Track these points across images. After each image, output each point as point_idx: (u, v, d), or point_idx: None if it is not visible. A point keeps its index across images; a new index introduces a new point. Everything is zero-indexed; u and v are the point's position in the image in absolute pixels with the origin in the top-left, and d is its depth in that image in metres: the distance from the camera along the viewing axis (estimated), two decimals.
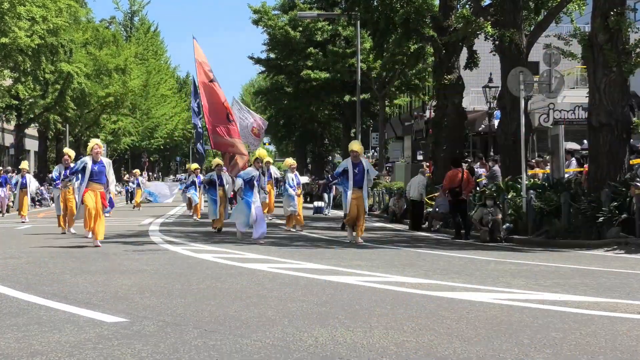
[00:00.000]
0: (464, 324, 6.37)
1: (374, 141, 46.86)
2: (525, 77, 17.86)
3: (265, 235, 15.61)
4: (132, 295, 7.96)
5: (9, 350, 5.40)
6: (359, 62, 34.66)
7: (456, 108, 24.21)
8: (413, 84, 39.25)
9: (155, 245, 14.67)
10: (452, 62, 24.06)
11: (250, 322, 6.43)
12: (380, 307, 7.22)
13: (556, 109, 28.58)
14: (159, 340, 5.68)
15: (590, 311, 7.03)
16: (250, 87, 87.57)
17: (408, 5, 23.07)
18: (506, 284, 8.97)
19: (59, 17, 36.25)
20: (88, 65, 47.78)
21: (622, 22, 15.84)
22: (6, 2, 32.54)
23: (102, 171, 14.37)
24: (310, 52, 42.65)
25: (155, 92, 65.50)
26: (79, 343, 5.59)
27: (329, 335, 5.89)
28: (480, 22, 20.19)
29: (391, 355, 5.25)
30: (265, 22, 45.26)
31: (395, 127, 51.48)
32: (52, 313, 6.88)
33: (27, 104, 44.40)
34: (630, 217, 14.43)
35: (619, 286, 8.90)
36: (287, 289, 8.43)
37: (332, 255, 12.75)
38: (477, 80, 32.01)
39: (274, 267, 10.75)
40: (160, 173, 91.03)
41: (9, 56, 35.10)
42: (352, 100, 39.68)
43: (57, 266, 10.78)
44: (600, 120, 16.00)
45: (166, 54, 77.15)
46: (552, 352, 5.37)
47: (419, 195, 21.60)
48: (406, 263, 11.60)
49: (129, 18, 72.40)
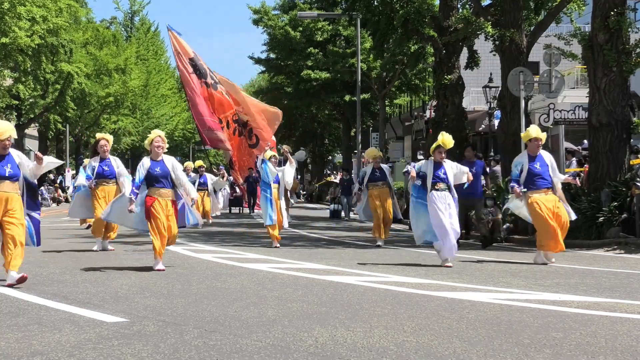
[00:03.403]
0: (464, 324, 6.38)
1: (374, 141, 46.81)
2: (525, 77, 17.86)
3: (264, 235, 15.60)
4: (132, 295, 7.96)
5: (9, 350, 5.40)
6: (359, 62, 34.65)
7: (456, 108, 24.20)
8: (413, 84, 39.24)
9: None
10: (452, 62, 24.05)
11: (250, 322, 6.43)
12: (380, 307, 7.22)
13: (556, 109, 28.56)
14: (159, 340, 5.68)
15: (590, 311, 7.03)
16: (250, 87, 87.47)
17: (408, 5, 23.06)
18: (506, 284, 8.97)
19: (59, 17, 36.23)
20: (88, 65, 47.75)
21: (622, 22, 15.84)
22: (6, 2, 32.51)
23: (166, 173, 10.42)
24: (310, 52, 42.64)
25: (155, 92, 65.44)
26: (79, 343, 5.59)
27: (329, 335, 5.89)
28: (480, 22, 20.19)
29: (391, 355, 5.25)
30: (265, 22, 45.26)
31: (395, 127, 51.46)
32: (52, 313, 6.88)
33: (27, 104, 44.37)
34: (630, 217, 14.43)
35: (619, 286, 8.90)
36: (287, 289, 8.43)
37: (332, 255, 12.75)
38: (477, 80, 32.02)
39: (274, 267, 10.75)
40: None
41: (9, 56, 35.08)
42: (352, 100, 39.67)
43: (57, 266, 10.78)
44: (600, 120, 16.00)
45: (166, 54, 77.05)
46: (552, 352, 5.37)
47: None
48: (406, 263, 11.60)
49: (129, 18, 72.34)
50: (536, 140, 11.66)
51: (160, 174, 10.30)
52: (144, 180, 10.31)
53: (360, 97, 35.64)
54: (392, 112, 50.49)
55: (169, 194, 10.36)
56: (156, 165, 10.35)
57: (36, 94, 43.70)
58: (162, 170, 10.33)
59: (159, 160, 10.41)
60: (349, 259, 12.05)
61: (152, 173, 10.26)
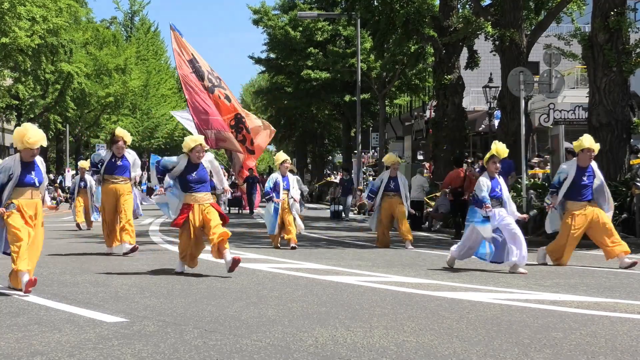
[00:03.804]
0: (464, 324, 6.38)
1: (374, 141, 46.83)
2: (525, 77, 17.85)
3: (264, 235, 15.59)
4: (132, 295, 7.96)
5: (9, 350, 5.40)
6: (359, 62, 34.64)
7: (456, 108, 24.21)
8: (413, 84, 39.23)
9: (155, 245, 14.68)
10: (452, 62, 24.07)
11: (250, 322, 6.43)
12: (380, 307, 7.22)
13: (556, 109, 28.60)
14: (159, 340, 5.68)
15: (590, 311, 7.03)
16: (250, 87, 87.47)
17: (408, 5, 23.07)
18: (506, 284, 8.98)
19: (59, 17, 36.26)
20: (88, 65, 47.78)
21: (622, 22, 15.86)
22: (6, 2, 32.54)
23: (204, 177, 9.83)
24: (310, 52, 42.65)
25: (155, 92, 65.45)
26: (79, 343, 5.59)
27: (329, 335, 5.89)
28: (480, 22, 20.21)
29: (391, 355, 5.25)
30: (265, 22, 45.27)
31: (395, 127, 51.46)
32: (52, 313, 6.87)
33: (27, 104, 44.41)
34: (630, 217, 14.44)
35: (619, 286, 8.90)
36: (287, 289, 8.43)
37: (332, 255, 12.75)
38: (477, 80, 32.01)
39: (274, 267, 10.75)
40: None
41: (9, 56, 35.11)
42: (352, 100, 39.67)
43: (57, 266, 10.79)
44: (600, 120, 16.01)
45: (166, 54, 77.03)
46: (552, 352, 5.37)
47: (419, 195, 21.59)
48: (406, 263, 11.60)
49: (129, 18, 72.34)
50: (589, 151, 10.93)
51: (199, 178, 9.71)
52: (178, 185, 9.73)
53: (360, 97, 35.65)
54: (392, 112, 50.48)
55: (208, 196, 9.79)
56: (195, 170, 9.70)
57: (36, 94, 43.73)
58: (201, 174, 9.73)
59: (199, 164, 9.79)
60: (349, 259, 12.05)
61: (189, 178, 9.64)
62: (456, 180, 17.71)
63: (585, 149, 10.97)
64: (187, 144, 9.70)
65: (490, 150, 10.62)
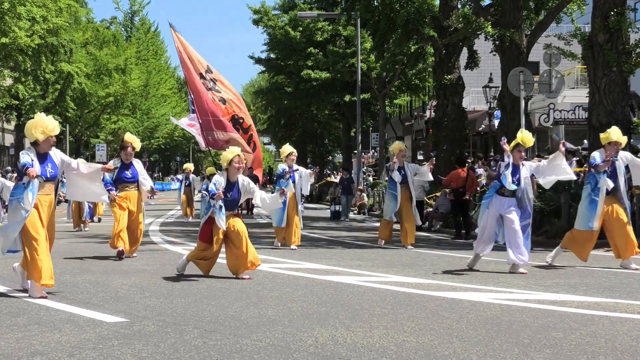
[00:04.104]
0: (464, 324, 6.38)
1: (374, 141, 46.79)
2: (525, 77, 17.87)
3: (264, 235, 15.60)
4: (132, 295, 7.96)
5: (9, 350, 5.40)
6: (359, 62, 34.63)
7: (456, 108, 24.21)
8: (413, 84, 39.24)
9: (155, 245, 14.67)
10: (452, 62, 24.07)
11: (250, 322, 6.43)
12: (380, 307, 7.22)
13: (556, 109, 28.59)
14: (159, 340, 5.68)
15: (590, 311, 7.03)
16: (250, 87, 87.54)
17: (408, 5, 23.08)
18: (506, 284, 8.98)
19: (59, 17, 36.23)
20: (88, 65, 47.78)
21: (622, 22, 15.86)
22: (6, 2, 32.51)
23: (236, 198, 9.55)
24: (310, 52, 42.63)
25: (155, 92, 65.46)
26: (79, 343, 5.59)
27: (329, 335, 5.89)
28: (480, 22, 20.21)
29: (391, 355, 5.25)
30: (265, 22, 45.26)
31: (395, 127, 51.46)
32: (52, 313, 6.88)
33: (27, 104, 44.38)
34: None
35: (619, 286, 8.90)
36: (287, 289, 8.44)
37: (332, 255, 12.75)
38: (477, 80, 32.02)
39: (274, 267, 10.75)
40: (160, 173, 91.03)
41: (9, 56, 35.08)
42: (352, 100, 39.65)
43: (57, 266, 10.74)
44: (600, 120, 16.00)
45: (166, 54, 77.05)
46: (552, 352, 5.37)
47: (419, 195, 21.57)
48: (406, 263, 11.60)
49: (130, 18, 72.35)
50: (616, 144, 10.63)
51: (234, 199, 9.45)
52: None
53: (360, 97, 35.62)
54: (392, 112, 50.48)
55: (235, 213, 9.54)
56: (232, 190, 9.41)
57: (36, 94, 43.71)
58: (234, 196, 9.45)
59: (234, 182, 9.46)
60: (349, 259, 12.05)
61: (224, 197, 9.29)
62: (457, 180, 17.71)
63: (613, 142, 10.70)
64: (225, 157, 9.42)
65: (516, 138, 10.32)
